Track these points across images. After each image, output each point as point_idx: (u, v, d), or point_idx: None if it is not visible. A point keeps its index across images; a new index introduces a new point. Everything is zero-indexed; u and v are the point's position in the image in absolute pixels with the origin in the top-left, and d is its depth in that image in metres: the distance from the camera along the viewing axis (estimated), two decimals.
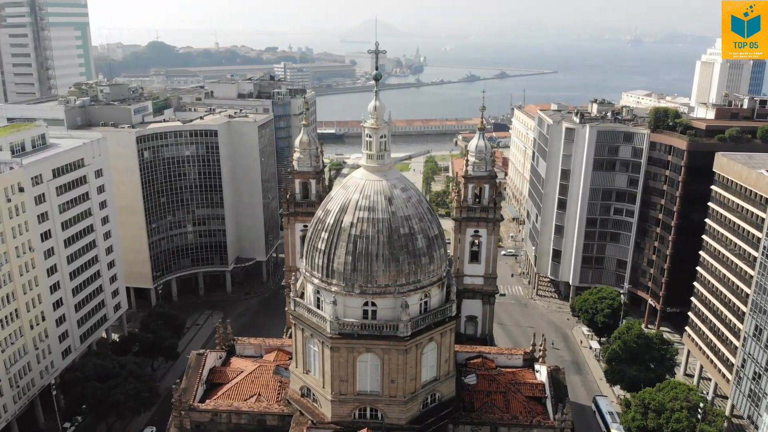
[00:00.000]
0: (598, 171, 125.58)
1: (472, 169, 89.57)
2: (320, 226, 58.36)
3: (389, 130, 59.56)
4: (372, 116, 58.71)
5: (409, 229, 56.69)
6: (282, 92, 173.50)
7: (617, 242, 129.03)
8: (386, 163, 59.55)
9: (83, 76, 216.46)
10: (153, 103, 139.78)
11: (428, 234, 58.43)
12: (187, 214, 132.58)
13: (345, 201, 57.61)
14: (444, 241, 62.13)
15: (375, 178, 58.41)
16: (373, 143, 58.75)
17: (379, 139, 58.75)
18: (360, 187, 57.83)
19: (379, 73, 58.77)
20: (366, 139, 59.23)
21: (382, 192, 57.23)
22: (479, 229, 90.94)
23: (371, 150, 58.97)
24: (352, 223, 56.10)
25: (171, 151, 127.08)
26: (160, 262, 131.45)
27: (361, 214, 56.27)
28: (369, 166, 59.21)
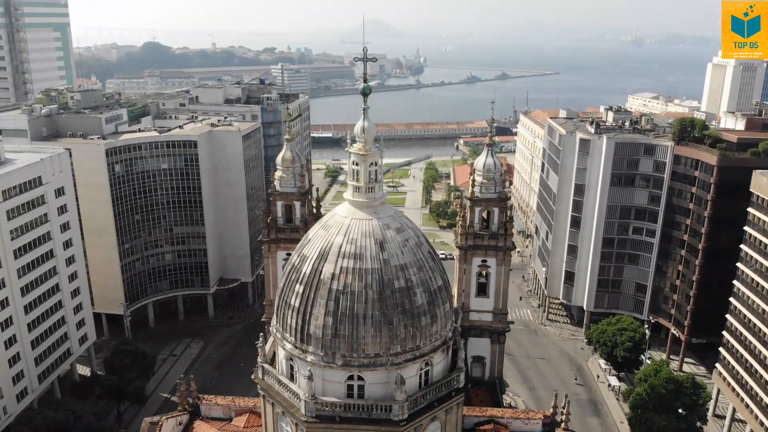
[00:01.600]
0: (616, 186, 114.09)
1: (480, 191, 78.02)
2: (294, 275, 46.78)
3: (381, 156, 48.01)
4: (360, 139, 47.20)
5: (405, 281, 45.05)
6: (272, 97, 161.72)
7: (636, 264, 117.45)
8: (377, 198, 47.97)
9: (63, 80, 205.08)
10: (129, 110, 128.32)
11: (430, 286, 46.76)
12: (165, 232, 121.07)
13: (325, 245, 46.00)
14: (450, 293, 50.51)
15: (363, 216, 46.86)
16: (361, 173, 47.16)
17: (369, 168, 47.16)
18: (344, 228, 46.26)
19: (368, 86, 47.19)
20: (352, 168, 47.69)
21: (371, 234, 45.62)
22: (487, 258, 79.41)
23: (359, 181, 47.39)
24: (334, 275, 44.46)
25: (146, 165, 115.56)
26: (135, 285, 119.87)
27: (345, 263, 44.65)
28: (356, 201, 47.67)
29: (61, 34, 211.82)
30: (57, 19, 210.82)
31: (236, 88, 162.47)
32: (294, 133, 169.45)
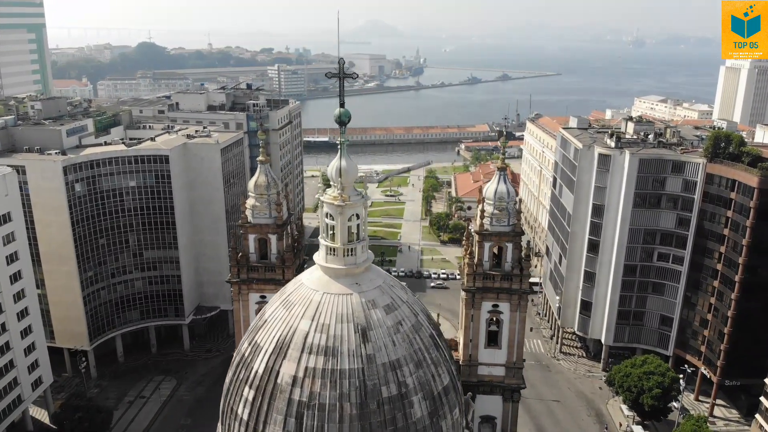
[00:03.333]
0: (640, 208, 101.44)
1: (490, 223, 65.41)
2: (243, 372, 34.30)
3: (366, 205, 35.42)
4: (335, 184, 34.60)
5: (398, 386, 32.61)
6: (260, 103, 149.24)
7: (661, 295, 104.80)
8: (359, 262, 35.55)
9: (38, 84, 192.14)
10: (97, 120, 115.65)
11: (432, 389, 34.30)
12: (133, 257, 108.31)
13: (285, 333, 33.47)
14: (459, 391, 37.71)
15: (339, 290, 34.39)
16: (338, 229, 34.65)
17: (348, 223, 34.49)
18: (312, 307, 33.76)
19: (346, 112, 35.17)
20: (326, 222, 35.10)
21: (350, 317, 33.18)
22: (500, 303, 67.01)
23: (334, 240, 35.05)
24: (296, 379, 31.99)
25: (111, 182, 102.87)
26: (100, 317, 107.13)
27: (313, 361, 32.20)
28: (330, 268, 35.10)
29: (36, 36, 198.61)
30: (31, 20, 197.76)
31: (220, 93, 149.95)
32: (284, 142, 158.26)
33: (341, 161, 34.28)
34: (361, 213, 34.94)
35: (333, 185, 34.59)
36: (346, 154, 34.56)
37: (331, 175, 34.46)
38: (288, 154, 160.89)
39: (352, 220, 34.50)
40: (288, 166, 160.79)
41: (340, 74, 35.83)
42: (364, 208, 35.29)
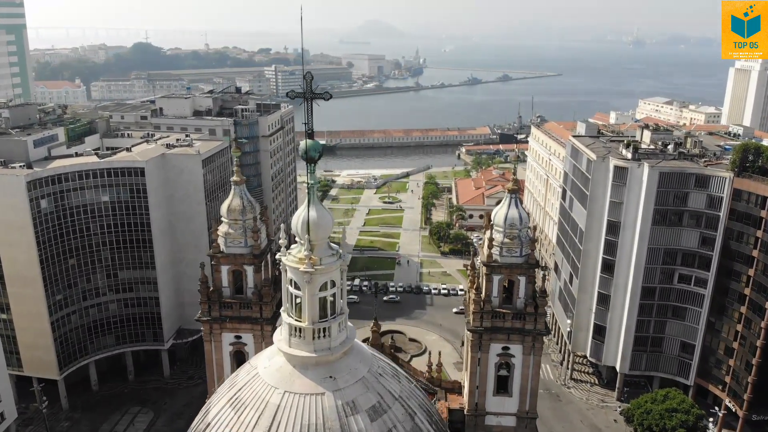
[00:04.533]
0: (660, 225, 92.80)
1: (500, 253, 56.94)
2: None
3: (343, 269, 26.71)
4: (301, 240, 25.95)
5: None
6: (249, 108, 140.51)
7: (682, 320, 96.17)
8: (335, 347, 26.85)
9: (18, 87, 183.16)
10: (70, 129, 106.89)
11: None
12: (107, 278, 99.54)
13: None
14: None
15: (307, 388, 26.14)
16: (305, 304, 25.97)
17: (318, 294, 25.75)
18: (270, 414, 25.40)
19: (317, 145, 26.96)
20: (290, 292, 26.44)
21: (321, 429, 24.15)
22: (511, 345, 58.72)
23: (300, 317, 26.52)
24: None
25: (81, 198, 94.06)
26: (71, 343, 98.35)
27: None
28: (295, 356, 26.28)
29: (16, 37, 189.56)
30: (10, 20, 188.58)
31: (206, 98, 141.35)
32: (275, 149, 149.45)
33: (310, 211, 25.78)
34: (337, 279, 26.37)
35: (299, 242, 26.07)
36: (317, 201, 26.09)
37: (297, 230, 26.04)
38: (280, 162, 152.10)
39: (325, 290, 25.95)
40: (279, 174, 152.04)
41: (307, 94, 27.39)
42: (341, 271, 26.73)
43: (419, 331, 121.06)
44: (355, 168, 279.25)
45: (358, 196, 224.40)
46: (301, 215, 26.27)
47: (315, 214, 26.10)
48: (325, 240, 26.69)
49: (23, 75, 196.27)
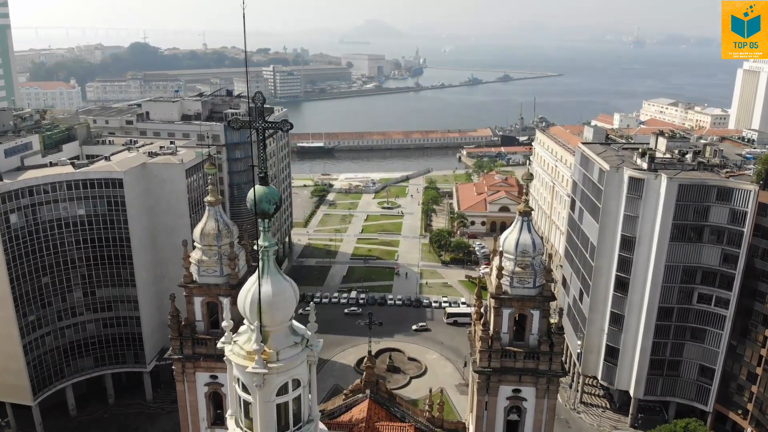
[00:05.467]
0: (678, 242, 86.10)
1: (510, 284, 50.21)
2: None
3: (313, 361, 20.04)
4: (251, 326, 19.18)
5: None
6: (240, 112, 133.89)
7: (701, 342, 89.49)
8: None
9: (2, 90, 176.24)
10: (47, 136, 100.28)
11: None
12: (84, 297, 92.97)
13: None
14: None
15: None
16: (257, 414, 19.27)
17: (274, 401, 19.03)
18: None
19: (273, 193, 20.37)
20: (236, 394, 19.49)
21: None
22: (522, 387, 51.89)
23: None
24: None
25: (54, 211, 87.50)
26: (46, 366, 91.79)
27: None
28: None
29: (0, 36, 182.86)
30: None
31: (195, 101, 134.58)
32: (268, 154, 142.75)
33: (262, 284, 19.04)
34: (303, 376, 19.59)
35: (247, 326, 19.34)
36: (274, 270, 19.43)
37: (244, 311, 19.37)
38: (273, 168, 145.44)
39: (285, 393, 19.17)
40: (273, 180, 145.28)
41: (256, 123, 20.89)
42: (310, 365, 20.02)
43: (419, 349, 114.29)
44: (353, 171, 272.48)
45: (356, 201, 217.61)
46: (250, 290, 19.56)
47: (270, 290, 19.35)
48: (285, 324, 19.95)
49: (7, 76, 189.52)
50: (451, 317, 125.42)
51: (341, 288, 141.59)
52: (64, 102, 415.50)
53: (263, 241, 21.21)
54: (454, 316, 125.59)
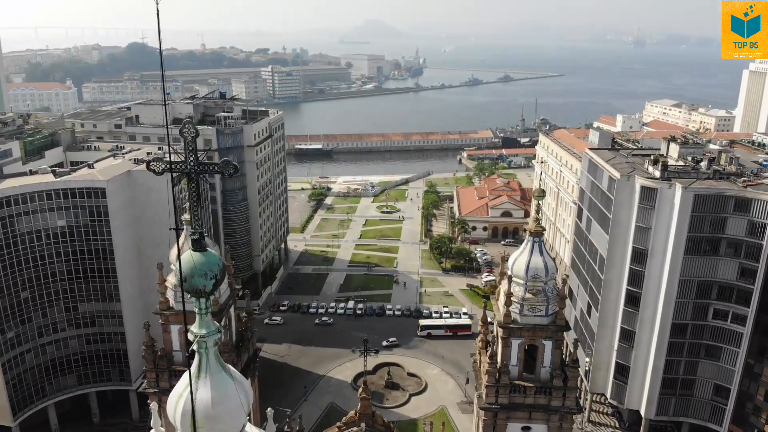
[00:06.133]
0: (693, 255, 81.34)
1: (520, 311, 45.68)
2: None
3: None
4: None
5: None
6: (234, 116, 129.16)
7: (717, 360, 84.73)
8: None
9: None
10: (28, 142, 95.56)
11: None
12: (66, 312, 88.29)
13: None
14: None
15: None
16: None
17: None
18: None
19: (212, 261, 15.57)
20: None
21: None
22: (533, 424, 47.25)
23: None
24: None
25: (34, 223, 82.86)
26: (26, 385, 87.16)
27: None
28: None
29: None
30: None
31: (187, 104, 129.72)
32: (262, 159, 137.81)
33: (199, 387, 14.17)
34: None
35: None
36: (218, 367, 14.60)
37: (175, 423, 14.65)
38: (268, 172, 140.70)
39: None
40: (267, 186, 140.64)
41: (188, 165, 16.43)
42: None
43: (419, 364, 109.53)
44: (352, 174, 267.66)
45: (355, 205, 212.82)
46: (182, 397, 14.74)
47: (208, 396, 14.45)
48: None
49: None
50: (424, 329, 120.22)
51: (338, 297, 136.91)
52: (59, 103, 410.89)
53: (200, 329, 16.43)
54: (427, 328, 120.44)
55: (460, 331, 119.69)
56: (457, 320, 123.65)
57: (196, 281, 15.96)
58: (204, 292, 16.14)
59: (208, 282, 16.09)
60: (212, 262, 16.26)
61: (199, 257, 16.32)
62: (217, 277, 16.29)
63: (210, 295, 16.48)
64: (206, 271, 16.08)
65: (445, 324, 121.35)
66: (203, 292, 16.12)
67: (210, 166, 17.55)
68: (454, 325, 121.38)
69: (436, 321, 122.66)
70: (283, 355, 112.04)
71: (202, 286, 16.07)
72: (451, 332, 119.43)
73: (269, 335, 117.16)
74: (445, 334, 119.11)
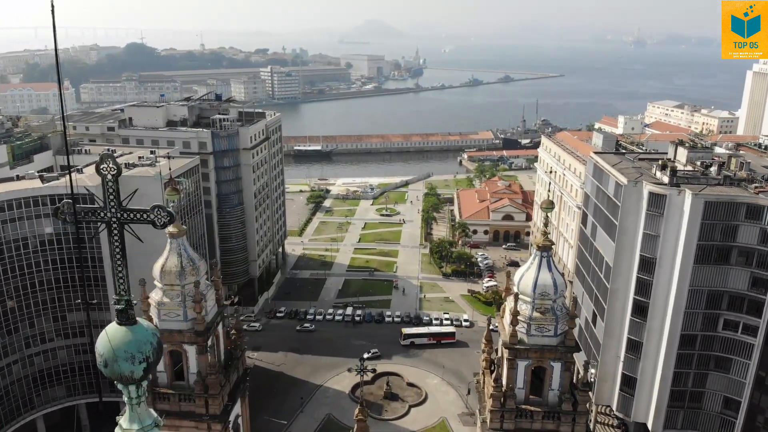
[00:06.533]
0: (704, 264, 78.42)
1: (527, 331, 43.00)
2: None
3: None
4: None
5: None
6: (230, 117, 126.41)
7: (726, 372, 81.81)
8: None
9: None
10: (16, 146, 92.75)
11: None
12: (54, 322, 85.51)
13: None
14: None
15: None
16: None
17: None
18: None
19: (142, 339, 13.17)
20: None
21: None
22: None
23: None
24: None
25: (20, 230, 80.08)
26: (14, 396, 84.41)
27: None
28: None
29: None
30: None
31: (182, 106, 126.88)
32: (258, 162, 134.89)
33: None
34: None
35: None
36: None
37: None
38: (265, 176, 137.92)
39: None
40: (264, 189, 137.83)
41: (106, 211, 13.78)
42: None
43: (419, 374, 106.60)
44: (351, 176, 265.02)
45: (354, 208, 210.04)
46: None
47: None
48: None
49: None
50: (407, 338, 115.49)
51: (336, 303, 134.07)
52: (57, 104, 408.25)
53: (130, 423, 13.75)
54: (411, 337, 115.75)
55: (444, 339, 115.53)
56: (440, 328, 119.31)
57: (120, 367, 13.19)
58: (131, 379, 13.37)
59: (136, 367, 13.29)
60: (142, 339, 13.44)
61: (124, 334, 13.54)
62: (149, 360, 13.48)
63: (140, 382, 13.70)
64: (134, 353, 13.30)
65: (428, 332, 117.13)
66: (130, 379, 13.35)
67: (136, 214, 14.48)
68: (438, 333, 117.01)
69: (419, 329, 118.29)
70: (279, 364, 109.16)
71: (129, 373, 13.29)
72: (435, 340, 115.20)
73: (264, 344, 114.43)
74: (429, 342, 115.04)
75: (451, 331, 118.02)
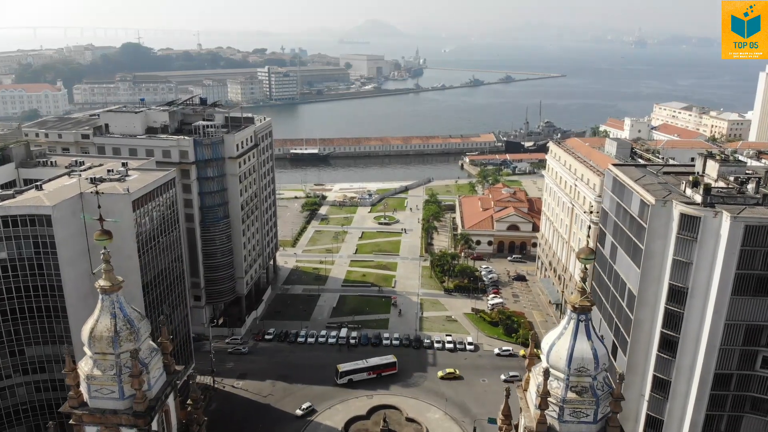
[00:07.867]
0: (742, 296, 68.98)
1: (560, 416, 33.74)
2: None
3: None
4: None
5: None
6: (214, 124, 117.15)
7: (764, 415, 72.42)
8: None
9: None
10: None
11: None
12: (11, 357, 76.01)
13: None
14: None
15: None
16: None
17: None
18: None
19: None
20: None
21: None
22: None
23: None
24: None
25: None
26: None
27: None
28: None
29: None
30: None
31: (162, 112, 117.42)
32: (246, 171, 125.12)
33: None
34: None
35: None
36: None
37: None
38: (253, 185, 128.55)
39: None
40: (253, 200, 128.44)
41: None
42: None
43: (419, 406, 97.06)
44: (348, 180, 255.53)
45: (351, 216, 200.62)
46: None
47: None
48: None
49: None
50: (344, 376, 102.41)
51: (330, 324, 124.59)
52: (49, 105, 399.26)
53: None
54: (348, 374, 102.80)
55: (384, 371, 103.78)
56: (379, 360, 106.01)
57: None
58: None
59: None
60: None
61: None
62: None
63: None
64: None
65: (367, 366, 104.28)
66: None
67: None
68: (377, 365, 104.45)
69: (356, 364, 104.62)
70: (266, 394, 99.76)
71: None
72: (375, 374, 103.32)
73: (250, 370, 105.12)
74: (369, 377, 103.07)
75: (391, 361, 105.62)
